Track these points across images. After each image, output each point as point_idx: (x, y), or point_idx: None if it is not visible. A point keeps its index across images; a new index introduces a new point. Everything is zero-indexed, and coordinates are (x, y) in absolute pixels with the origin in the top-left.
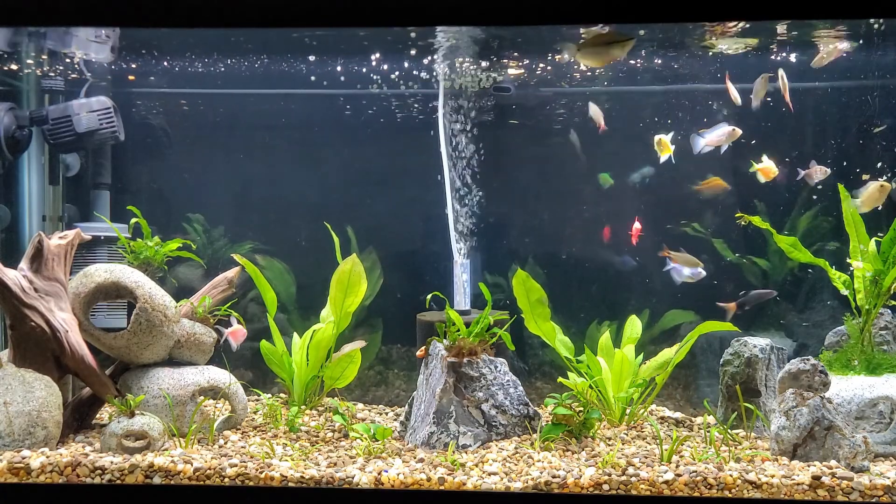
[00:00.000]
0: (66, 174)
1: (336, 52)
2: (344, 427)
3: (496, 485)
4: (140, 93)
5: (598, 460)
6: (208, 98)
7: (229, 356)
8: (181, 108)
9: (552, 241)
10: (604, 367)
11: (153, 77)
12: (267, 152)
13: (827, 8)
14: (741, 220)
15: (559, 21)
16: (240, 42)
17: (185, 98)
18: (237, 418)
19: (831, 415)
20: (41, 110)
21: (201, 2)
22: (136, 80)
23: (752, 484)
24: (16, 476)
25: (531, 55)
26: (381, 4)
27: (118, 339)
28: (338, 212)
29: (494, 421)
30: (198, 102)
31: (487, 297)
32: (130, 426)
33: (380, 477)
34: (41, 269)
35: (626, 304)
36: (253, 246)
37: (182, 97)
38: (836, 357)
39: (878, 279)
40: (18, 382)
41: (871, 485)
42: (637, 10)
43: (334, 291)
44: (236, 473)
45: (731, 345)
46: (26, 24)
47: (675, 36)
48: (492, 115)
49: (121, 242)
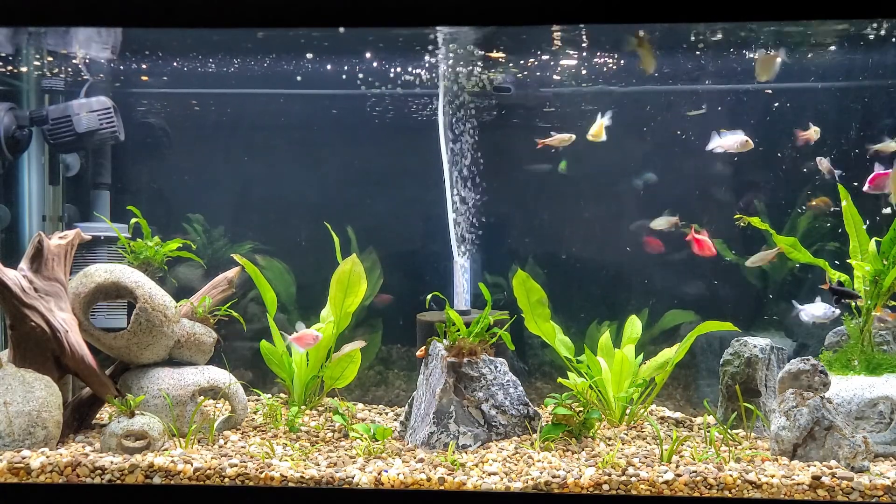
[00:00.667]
0: (66, 174)
1: (336, 51)
2: (344, 427)
3: (496, 485)
4: (140, 93)
5: (598, 460)
6: (208, 98)
7: (230, 357)
8: (181, 107)
9: (552, 241)
10: (604, 367)
11: (153, 77)
12: (267, 152)
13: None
14: (740, 222)
15: (559, 21)
16: (240, 42)
17: (185, 98)
18: (237, 418)
19: (831, 415)
20: (41, 110)
21: (201, 2)
22: (136, 79)
23: (752, 484)
24: (16, 476)
25: (531, 55)
26: (381, 4)
27: (118, 339)
28: (338, 212)
29: (494, 421)
30: (198, 102)
31: (487, 297)
32: (130, 426)
33: (380, 477)
34: (41, 269)
35: (626, 304)
36: (253, 246)
37: (182, 97)
38: (836, 357)
39: (878, 279)
40: (18, 382)
41: (871, 485)
42: (637, 11)
43: (334, 291)
44: (236, 473)
45: (731, 345)
46: (26, 24)
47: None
48: (492, 114)
49: (121, 242)
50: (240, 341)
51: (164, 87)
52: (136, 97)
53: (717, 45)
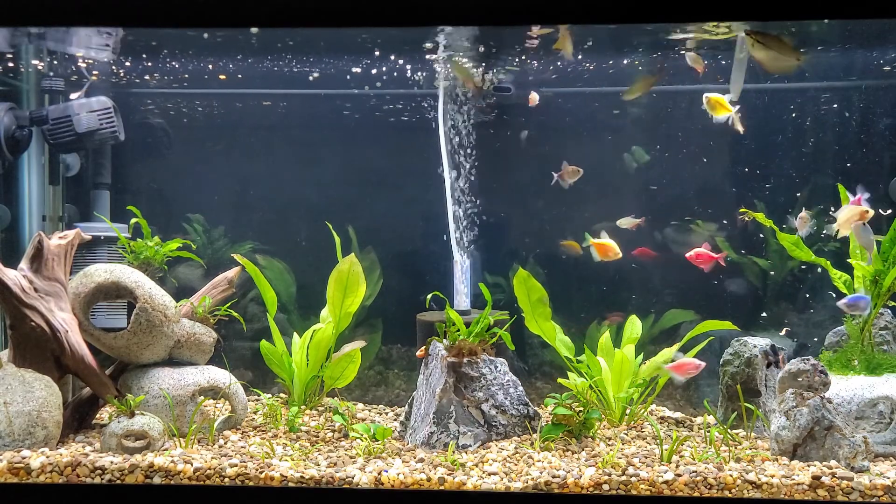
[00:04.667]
0: (66, 174)
1: (336, 51)
2: (344, 427)
3: (496, 485)
4: (140, 93)
5: (598, 460)
6: (208, 98)
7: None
8: (181, 107)
9: (552, 241)
10: (604, 367)
11: (153, 77)
12: (267, 152)
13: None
14: (745, 217)
15: (563, 21)
16: (240, 42)
17: (185, 98)
18: (237, 418)
19: (831, 415)
20: (41, 110)
21: (202, 2)
22: (136, 79)
23: (752, 484)
24: (16, 476)
25: (532, 55)
26: (381, 4)
27: (118, 339)
28: (338, 212)
29: (494, 421)
30: (198, 102)
31: (487, 297)
32: (130, 426)
33: (380, 477)
34: (41, 269)
35: (626, 304)
36: (253, 246)
37: (182, 97)
38: (836, 357)
39: (878, 279)
40: (18, 382)
41: (871, 485)
42: (639, 10)
43: (332, 291)
44: (236, 473)
45: (731, 345)
46: (26, 24)
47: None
48: (492, 114)
49: (121, 242)
50: (240, 341)
51: (164, 86)
52: (136, 97)
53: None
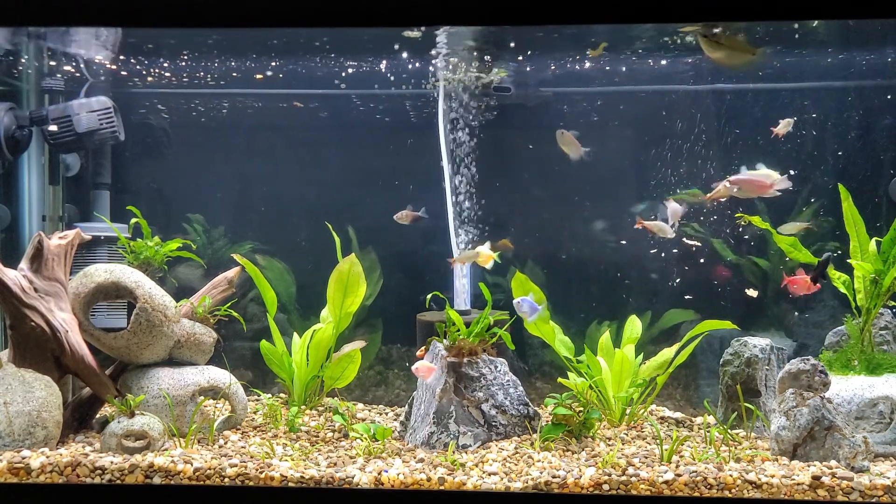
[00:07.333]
0: (66, 174)
1: (336, 51)
2: (344, 427)
3: (496, 485)
4: (140, 93)
5: (598, 460)
6: (208, 98)
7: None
8: (181, 107)
9: (552, 241)
10: (604, 367)
11: (153, 77)
12: (267, 152)
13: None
14: (741, 220)
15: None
16: (240, 42)
17: (185, 98)
18: (237, 418)
19: (831, 415)
20: (41, 110)
21: (202, 2)
22: (136, 79)
23: (752, 484)
24: (16, 476)
25: (532, 55)
26: (381, 4)
27: (118, 339)
28: (338, 212)
29: (494, 421)
30: (198, 102)
31: (487, 297)
32: (130, 426)
33: (380, 477)
34: (41, 269)
35: (626, 304)
36: (253, 246)
37: (182, 97)
38: (836, 357)
39: (878, 279)
40: (18, 382)
41: (871, 485)
42: (638, 10)
43: (332, 291)
44: (236, 473)
45: (731, 345)
46: (26, 24)
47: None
48: (492, 114)
49: (121, 242)
50: (240, 341)
51: (164, 87)
52: (136, 97)
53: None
